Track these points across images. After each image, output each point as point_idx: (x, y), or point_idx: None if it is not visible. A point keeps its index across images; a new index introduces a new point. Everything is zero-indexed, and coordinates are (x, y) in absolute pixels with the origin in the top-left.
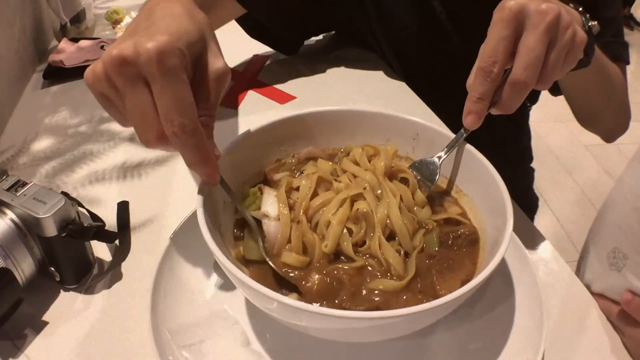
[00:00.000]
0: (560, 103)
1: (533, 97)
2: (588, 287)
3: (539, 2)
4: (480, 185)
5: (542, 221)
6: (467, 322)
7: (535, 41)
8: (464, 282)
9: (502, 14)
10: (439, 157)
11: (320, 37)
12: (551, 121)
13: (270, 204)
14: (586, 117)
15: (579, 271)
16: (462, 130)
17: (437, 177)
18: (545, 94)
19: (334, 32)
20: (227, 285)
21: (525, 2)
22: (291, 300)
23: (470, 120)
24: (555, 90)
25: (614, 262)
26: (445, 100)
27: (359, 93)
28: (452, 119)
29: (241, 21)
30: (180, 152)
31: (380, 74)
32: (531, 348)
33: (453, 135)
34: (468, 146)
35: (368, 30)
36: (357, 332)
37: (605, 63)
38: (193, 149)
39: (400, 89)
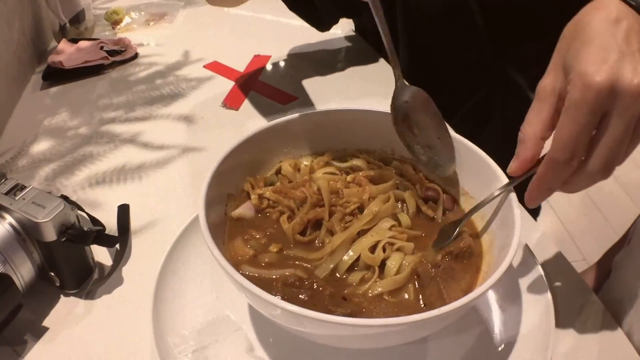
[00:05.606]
0: None
1: None
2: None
3: (631, 73)
4: (486, 187)
5: (543, 221)
6: (474, 325)
7: (623, 132)
8: (466, 293)
9: (587, 95)
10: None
11: (325, 35)
12: None
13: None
14: None
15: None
16: (510, 187)
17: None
18: None
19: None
20: (229, 290)
21: (615, 76)
22: (295, 307)
23: (532, 202)
24: None
25: None
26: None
27: (362, 93)
28: (462, 119)
29: None
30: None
31: (384, 73)
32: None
33: (462, 139)
34: (473, 146)
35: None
36: (364, 339)
37: None
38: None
39: None
